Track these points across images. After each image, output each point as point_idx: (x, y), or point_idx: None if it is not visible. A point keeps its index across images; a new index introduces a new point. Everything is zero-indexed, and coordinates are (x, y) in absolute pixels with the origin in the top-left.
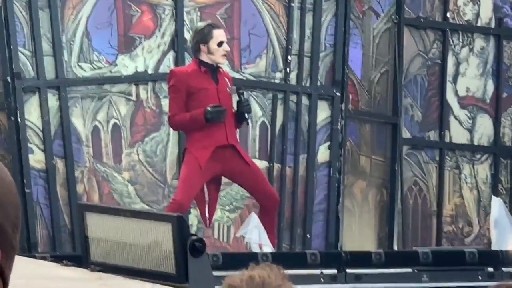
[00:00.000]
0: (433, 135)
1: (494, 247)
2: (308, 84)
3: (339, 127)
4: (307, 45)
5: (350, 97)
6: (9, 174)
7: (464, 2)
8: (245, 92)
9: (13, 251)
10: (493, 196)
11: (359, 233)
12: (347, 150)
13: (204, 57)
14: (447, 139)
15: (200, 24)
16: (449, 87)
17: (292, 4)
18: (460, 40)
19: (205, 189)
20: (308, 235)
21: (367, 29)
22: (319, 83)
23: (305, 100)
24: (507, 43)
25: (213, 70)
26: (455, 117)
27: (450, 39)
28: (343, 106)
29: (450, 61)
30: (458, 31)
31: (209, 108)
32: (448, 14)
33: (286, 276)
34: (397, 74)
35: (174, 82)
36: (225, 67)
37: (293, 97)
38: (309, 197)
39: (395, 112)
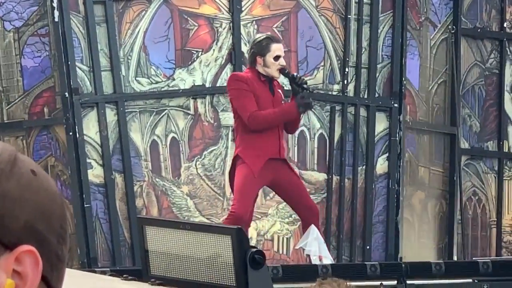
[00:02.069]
0: (491, 145)
1: None
2: (366, 96)
3: (397, 138)
4: (364, 57)
5: (408, 108)
6: (54, 184)
7: None
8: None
9: (60, 263)
10: None
11: (418, 244)
12: (406, 161)
13: (259, 69)
14: (505, 149)
15: (259, 36)
16: (507, 97)
17: (349, 16)
18: None
19: None
20: (367, 247)
21: (424, 40)
22: (376, 95)
23: (363, 112)
24: None
25: (270, 81)
26: None
27: (507, 49)
28: (401, 117)
29: (508, 71)
30: None
31: (300, 101)
32: (505, 24)
33: None
34: (455, 84)
35: (239, 85)
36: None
37: (351, 109)
38: (368, 208)
39: (453, 123)
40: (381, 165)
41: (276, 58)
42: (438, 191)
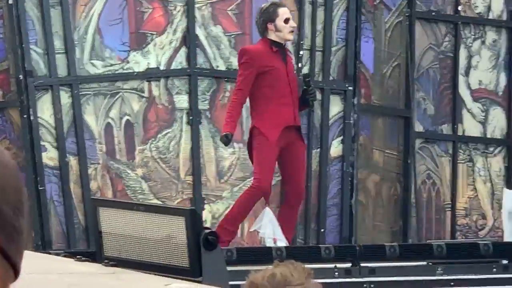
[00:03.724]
0: (446, 129)
1: (507, 239)
2: (320, 79)
3: (351, 121)
4: (318, 40)
5: (363, 91)
6: (10, 157)
7: None
8: (310, 80)
9: (18, 235)
10: (505, 188)
11: (373, 227)
12: (360, 145)
13: (272, 36)
14: (460, 132)
15: (264, 4)
16: (461, 80)
17: None
18: (472, 33)
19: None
20: (322, 230)
21: (379, 23)
22: (331, 78)
23: (317, 95)
24: None
25: (283, 51)
26: (468, 110)
27: (462, 32)
28: (355, 100)
29: (462, 54)
30: (470, 24)
31: (226, 137)
32: (459, 7)
33: (311, 274)
34: (409, 67)
35: (246, 59)
36: (237, 62)
37: None
38: (322, 192)
39: (407, 106)
40: (336, 148)
41: (286, 20)
42: (393, 174)
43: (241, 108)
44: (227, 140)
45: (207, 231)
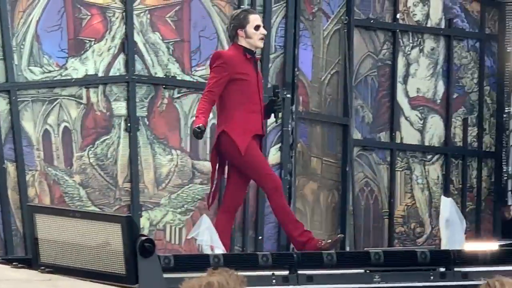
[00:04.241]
0: (384, 136)
1: (444, 247)
2: None
3: (289, 128)
4: None
5: (301, 98)
6: None
7: (414, 3)
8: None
9: None
10: (443, 196)
11: None
12: (298, 152)
13: (242, 42)
14: (398, 140)
15: (235, 11)
16: (399, 88)
17: (242, 6)
18: (410, 41)
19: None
20: (260, 237)
21: (317, 31)
22: (269, 85)
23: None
24: (457, 44)
25: (254, 59)
26: (406, 118)
27: (400, 40)
28: (293, 107)
29: (401, 62)
30: (408, 32)
31: (199, 129)
32: (398, 15)
33: (244, 281)
34: (347, 75)
35: (220, 63)
36: (175, 69)
37: None
38: (260, 199)
39: (345, 113)
40: (274, 156)
41: (257, 27)
42: (331, 181)
43: (211, 107)
44: (199, 132)
45: (143, 238)
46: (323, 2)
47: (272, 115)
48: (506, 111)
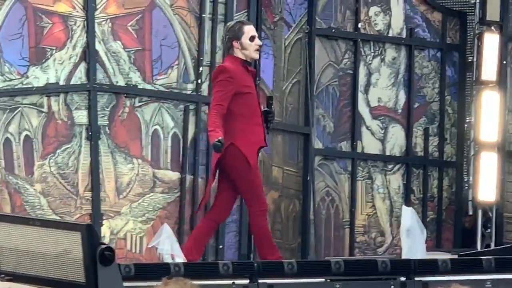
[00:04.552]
0: (345, 146)
1: (405, 256)
2: None
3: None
4: (218, 56)
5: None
6: None
7: (376, 13)
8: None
9: None
10: (403, 206)
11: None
12: (260, 161)
13: (238, 54)
14: (359, 150)
15: (230, 22)
16: (360, 97)
17: (204, 15)
18: (372, 50)
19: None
20: (220, 246)
21: (279, 40)
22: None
23: None
24: (418, 53)
25: (252, 71)
26: (367, 128)
27: (361, 49)
28: None
29: (362, 71)
30: (370, 41)
31: (219, 143)
32: (359, 25)
33: None
34: (309, 84)
35: (226, 77)
36: (137, 78)
37: (205, 108)
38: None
39: (307, 123)
40: None
41: (252, 38)
42: (292, 191)
43: (222, 120)
44: (221, 145)
45: (103, 246)
46: (285, 11)
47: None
48: (467, 120)
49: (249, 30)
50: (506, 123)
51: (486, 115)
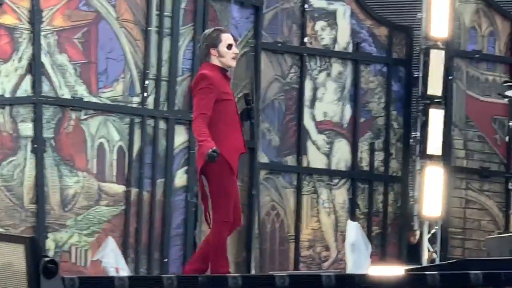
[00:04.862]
0: (290, 160)
1: (349, 271)
2: (165, 109)
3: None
4: (164, 70)
5: None
6: None
7: (322, 27)
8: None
9: None
10: (349, 221)
11: None
12: None
13: (215, 61)
14: (304, 164)
15: (208, 30)
16: (306, 112)
17: (150, 28)
18: (318, 64)
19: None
20: (165, 260)
21: None
22: (176, 108)
23: (162, 125)
24: (364, 68)
25: (229, 77)
26: (313, 142)
27: (307, 63)
28: None
29: (308, 85)
30: (316, 55)
31: (215, 153)
32: (305, 39)
33: None
34: (255, 98)
35: (207, 84)
36: (83, 91)
37: (151, 121)
38: (166, 221)
39: (252, 137)
40: (180, 178)
41: (229, 46)
42: None
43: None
44: (217, 155)
45: (46, 259)
46: (231, 25)
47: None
48: (412, 135)
49: (227, 38)
50: (452, 139)
51: (432, 130)
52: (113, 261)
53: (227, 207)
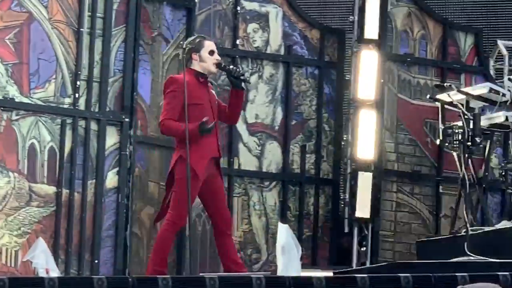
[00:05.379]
0: (222, 162)
1: (280, 273)
2: (97, 110)
3: (127, 153)
4: (96, 71)
5: (139, 123)
6: None
7: (254, 29)
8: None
9: None
10: (279, 223)
11: (147, 260)
12: (136, 176)
13: (196, 66)
14: (236, 166)
15: (192, 37)
16: None
17: (82, 29)
18: (250, 67)
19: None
20: (96, 261)
21: (157, 55)
22: (108, 109)
23: (94, 126)
24: (296, 71)
25: (207, 83)
26: (244, 144)
27: (239, 66)
28: (131, 132)
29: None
30: (248, 58)
31: (204, 125)
32: (237, 41)
33: None
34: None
35: (174, 88)
36: (14, 91)
37: (82, 123)
38: (97, 223)
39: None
40: (111, 180)
41: (211, 52)
42: None
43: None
44: (207, 125)
45: None
46: (163, 27)
47: (241, 85)
48: (344, 138)
49: (210, 45)
50: (383, 142)
51: (363, 134)
52: (43, 262)
53: (181, 210)
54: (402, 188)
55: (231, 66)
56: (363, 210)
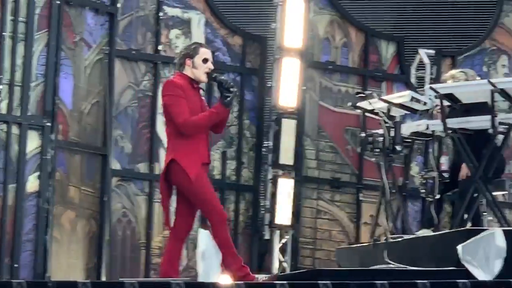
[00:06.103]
0: (143, 167)
1: (200, 279)
2: (18, 114)
3: (49, 157)
4: (18, 75)
5: (61, 127)
6: None
7: (176, 35)
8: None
9: None
10: (200, 229)
11: (67, 264)
12: (57, 180)
13: (188, 72)
14: (156, 171)
15: (190, 43)
16: (159, 119)
17: (4, 33)
18: (172, 72)
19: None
20: (16, 265)
21: (79, 60)
22: (29, 113)
23: (15, 130)
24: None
25: (199, 89)
26: (165, 150)
27: (161, 71)
28: (53, 136)
29: (161, 93)
30: (170, 63)
31: (226, 99)
32: (160, 47)
33: None
34: (108, 105)
35: (175, 91)
36: None
37: (3, 126)
38: (17, 227)
39: (105, 144)
40: (32, 184)
41: (205, 60)
42: (89, 211)
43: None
44: (215, 77)
45: None
46: (86, 32)
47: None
48: (265, 145)
49: (204, 52)
50: (304, 149)
51: (284, 140)
52: None
53: (212, 205)
54: (322, 195)
55: (222, 77)
56: (283, 217)
